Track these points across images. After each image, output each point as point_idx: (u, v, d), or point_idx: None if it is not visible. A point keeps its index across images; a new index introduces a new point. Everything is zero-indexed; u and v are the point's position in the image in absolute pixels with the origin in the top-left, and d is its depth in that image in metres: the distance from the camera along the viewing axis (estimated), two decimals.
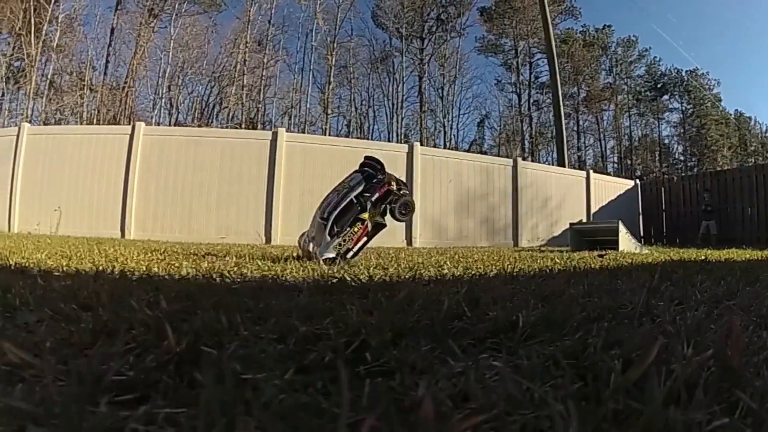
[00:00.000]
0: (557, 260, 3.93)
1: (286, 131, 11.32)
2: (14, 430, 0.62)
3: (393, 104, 36.97)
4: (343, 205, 3.67)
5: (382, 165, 3.93)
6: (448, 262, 3.23)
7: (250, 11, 33.50)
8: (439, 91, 37.19)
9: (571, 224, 8.60)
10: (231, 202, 10.48)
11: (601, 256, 4.53)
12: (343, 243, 3.65)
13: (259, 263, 3.04)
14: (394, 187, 3.89)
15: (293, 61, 35.79)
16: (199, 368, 0.73)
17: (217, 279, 2.06)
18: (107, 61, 33.15)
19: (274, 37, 34.80)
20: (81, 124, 29.26)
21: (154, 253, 3.70)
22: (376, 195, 3.75)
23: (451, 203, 11.86)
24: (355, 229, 3.69)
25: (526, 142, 37.94)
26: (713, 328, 1.22)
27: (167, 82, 32.35)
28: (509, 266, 3.05)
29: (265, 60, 33.35)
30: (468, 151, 35.56)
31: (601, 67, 40.23)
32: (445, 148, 33.04)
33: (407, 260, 3.64)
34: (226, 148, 10.86)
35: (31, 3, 29.17)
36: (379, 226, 3.83)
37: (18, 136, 10.87)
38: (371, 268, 2.74)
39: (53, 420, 0.63)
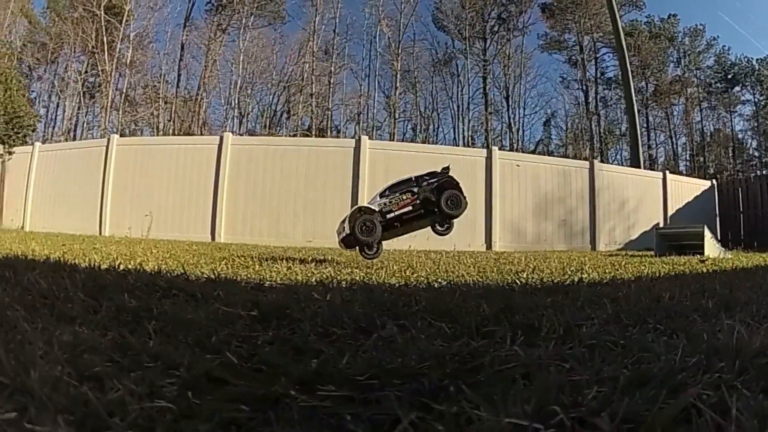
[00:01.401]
0: (666, 265, 4.33)
1: (362, 137, 11.67)
2: None
3: (458, 106, 36.96)
4: (402, 179, 4.29)
5: (448, 168, 4.41)
6: (586, 268, 3.72)
7: (314, 21, 34.67)
8: (504, 91, 36.79)
9: (656, 229, 8.69)
10: (317, 208, 10.86)
11: (702, 261, 4.84)
12: (388, 203, 4.15)
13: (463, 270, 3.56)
14: (457, 182, 4.28)
15: (359, 68, 36.66)
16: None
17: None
18: (179, 75, 35.24)
19: (340, 45, 35.80)
20: (156, 135, 31.19)
21: (319, 264, 4.13)
22: (435, 179, 4.21)
23: (530, 207, 11.89)
24: (404, 197, 4.16)
25: (594, 141, 36.95)
26: None
27: (237, 92, 33.97)
28: (636, 271, 3.52)
29: (333, 68, 34.44)
30: (534, 151, 35.26)
31: (669, 59, 38.68)
32: (511, 148, 33.00)
33: (543, 268, 4.05)
34: (312, 156, 11.30)
35: (102, 23, 31.31)
36: (428, 203, 4.17)
37: (107, 147, 11.73)
38: (527, 273, 3.26)
39: None
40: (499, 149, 12.67)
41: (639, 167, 16.53)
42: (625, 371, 0.97)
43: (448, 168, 4.32)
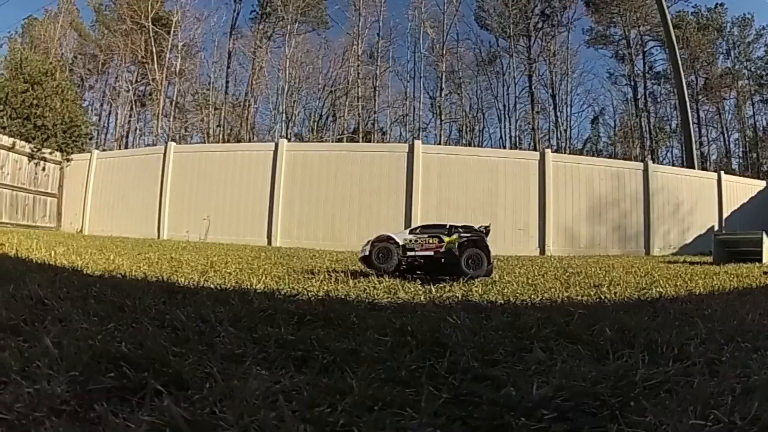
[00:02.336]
0: (730, 276, 4.60)
1: (415, 142, 11.95)
2: None
3: (504, 106, 36.81)
4: (437, 224, 4.47)
5: (488, 228, 4.44)
6: (657, 278, 4.05)
7: (358, 25, 35.26)
8: (550, 89, 36.38)
9: (714, 235, 8.69)
10: (371, 212, 11.20)
11: (766, 273, 5.04)
12: (412, 241, 4.16)
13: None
14: (486, 243, 4.24)
15: (403, 70, 37.07)
16: None
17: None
18: (227, 82, 36.60)
19: (384, 48, 36.26)
20: (206, 140, 32.51)
21: (403, 277, 4.10)
22: (468, 234, 4.23)
23: (583, 210, 11.84)
24: (430, 240, 4.15)
25: (645, 139, 36.00)
26: None
27: (285, 98, 34.92)
28: (705, 284, 3.84)
29: (378, 72, 34.99)
30: (582, 149, 34.95)
31: (718, 51, 37.35)
32: (558, 148, 32.89)
33: (618, 281, 4.26)
34: (365, 161, 11.67)
35: (151, 34, 32.79)
36: (450, 256, 4.10)
37: (165, 153, 12.49)
38: (606, 287, 3.61)
39: None
40: (547, 149, 12.70)
41: (693, 167, 16.21)
42: (737, 384, 1.36)
43: (488, 228, 4.35)
